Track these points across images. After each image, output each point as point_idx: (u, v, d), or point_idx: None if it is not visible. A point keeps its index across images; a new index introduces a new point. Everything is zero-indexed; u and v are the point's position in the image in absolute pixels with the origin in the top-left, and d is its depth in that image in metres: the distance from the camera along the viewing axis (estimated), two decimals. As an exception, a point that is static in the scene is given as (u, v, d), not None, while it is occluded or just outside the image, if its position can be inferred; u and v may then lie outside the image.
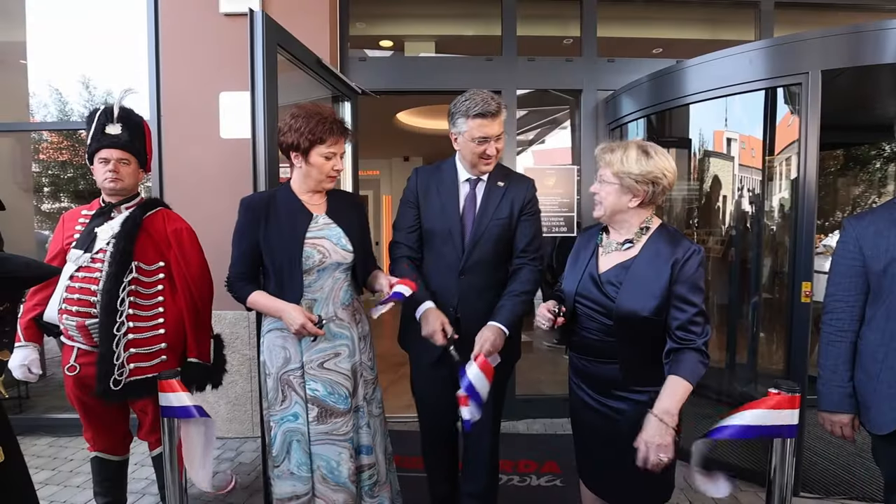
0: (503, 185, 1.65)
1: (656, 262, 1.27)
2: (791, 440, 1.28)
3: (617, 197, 1.30)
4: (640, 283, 1.26)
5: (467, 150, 1.59)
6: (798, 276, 2.17)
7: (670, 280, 1.24)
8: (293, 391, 1.54)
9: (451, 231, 1.60)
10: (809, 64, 2.08)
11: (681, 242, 1.28)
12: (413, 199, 1.68)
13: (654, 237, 1.31)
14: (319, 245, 1.55)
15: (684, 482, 2.38)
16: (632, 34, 3.59)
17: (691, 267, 1.24)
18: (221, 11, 2.77)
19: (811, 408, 2.03)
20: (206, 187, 2.80)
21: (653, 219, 1.34)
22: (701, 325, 1.23)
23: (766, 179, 2.73)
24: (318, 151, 1.52)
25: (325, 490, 1.53)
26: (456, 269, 1.59)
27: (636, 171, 1.26)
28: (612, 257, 1.35)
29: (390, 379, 3.90)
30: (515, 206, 1.62)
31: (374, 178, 8.19)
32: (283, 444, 1.54)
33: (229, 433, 2.92)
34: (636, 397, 1.30)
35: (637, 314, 1.25)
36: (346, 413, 1.56)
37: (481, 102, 1.52)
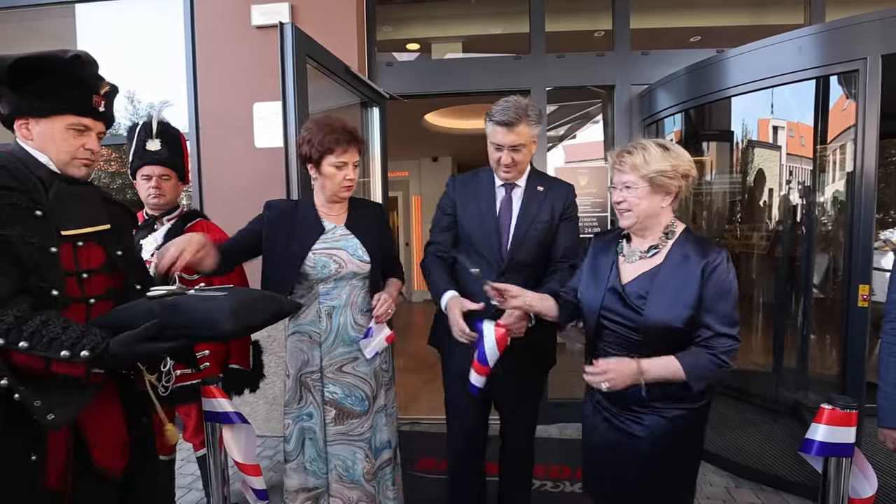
0: (543, 190, 1.66)
1: (685, 267, 1.19)
2: (848, 459, 1.20)
3: (650, 200, 1.21)
4: (669, 292, 1.18)
5: (489, 153, 1.63)
6: (854, 278, 2.03)
7: (701, 285, 1.17)
8: (309, 392, 1.61)
9: (490, 234, 1.63)
10: (867, 49, 1.93)
11: (710, 246, 1.21)
12: (450, 206, 1.72)
13: (680, 241, 1.24)
14: (336, 255, 1.57)
15: (728, 495, 2.28)
16: (667, 24, 3.44)
17: (721, 273, 1.17)
18: (253, 24, 2.85)
19: (870, 416, 1.90)
20: (243, 196, 2.88)
21: (676, 222, 1.27)
22: (727, 336, 1.16)
23: (818, 170, 2.55)
24: (328, 162, 1.52)
25: (341, 488, 1.61)
26: (496, 271, 1.61)
27: (668, 167, 1.19)
28: (637, 266, 1.26)
29: (424, 379, 3.93)
30: (556, 210, 1.64)
31: (404, 180, 8.23)
32: (298, 440, 1.62)
33: (267, 432, 3.02)
34: (665, 413, 1.22)
35: (669, 326, 1.17)
36: (362, 415, 1.62)
37: (501, 110, 1.54)
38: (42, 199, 0.99)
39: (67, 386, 0.91)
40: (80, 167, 1.07)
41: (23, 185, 0.96)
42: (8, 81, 0.98)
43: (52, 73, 1.00)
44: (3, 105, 1.02)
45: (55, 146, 1.03)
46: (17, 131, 1.03)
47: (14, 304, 0.88)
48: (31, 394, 0.86)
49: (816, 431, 1.20)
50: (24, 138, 1.03)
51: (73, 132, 1.04)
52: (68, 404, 0.90)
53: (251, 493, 2.13)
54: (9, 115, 1.03)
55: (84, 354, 0.87)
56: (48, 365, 0.88)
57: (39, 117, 1.02)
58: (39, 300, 0.94)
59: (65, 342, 0.87)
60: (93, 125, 1.07)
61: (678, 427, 1.21)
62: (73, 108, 1.03)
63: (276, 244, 1.56)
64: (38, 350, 0.85)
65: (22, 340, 0.85)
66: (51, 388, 0.89)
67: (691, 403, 1.21)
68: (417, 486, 2.32)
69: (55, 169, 1.04)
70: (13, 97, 1.00)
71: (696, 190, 3.11)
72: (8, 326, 0.85)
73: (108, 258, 1.11)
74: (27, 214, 0.95)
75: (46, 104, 1.02)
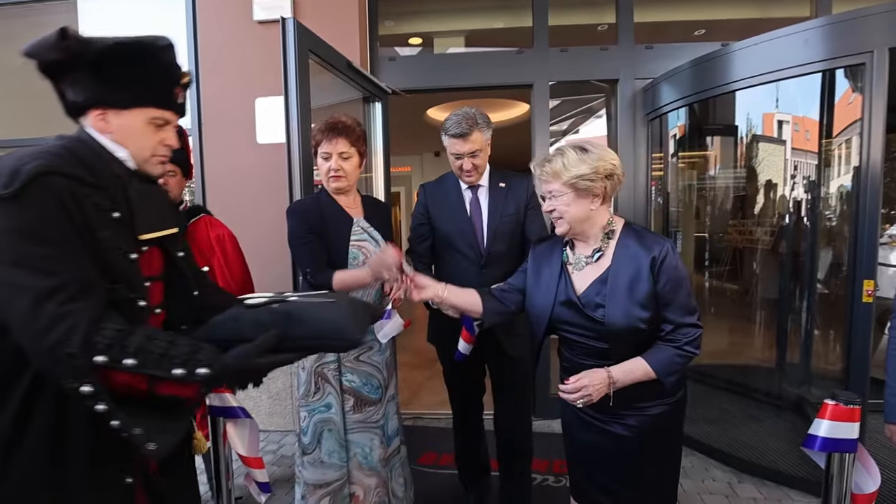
0: (504, 186, 1.85)
1: (633, 265, 1.19)
2: (851, 455, 1.20)
3: (577, 205, 1.21)
4: (623, 294, 1.18)
5: (451, 163, 1.81)
6: (859, 274, 2.01)
7: (653, 281, 1.17)
8: (327, 383, 1.64)
9: (465, 233, 1.79)
10: (874, 42, 1.90)
11: (653, 239, 1.21)
12: (423, 214, 1.87)
13: (622, 240, 1.23)
14: (364, 247, 1.65)
15: (730, 490, 2.28)
16: (671, 17, 3.41)
17: (670, 264, 1.17)
18: (255, 19, 2.84)
19: (873, 412, 1.90)
20: (245, 192, 2.90)
21: (614, 219, 1.26)
22: (688, 325, 1.19)
23: (823, 165, 2.53)
24: (319, 154, 1.64)
25: (360, 476, 1.65)
26: (478, 263, 1.77)
27: (587, 170, 1.18)
28: (586, 273, 1.25)
29: (426, 375, 3.94)
30: (520, 203, 1.82)
31: (406, 175, 8.24)
32: (315, 434, 1.64)
33: (271, 426, 3.04)
34: (649, 410, 1.23)
35: (631, 328, 1.17)
36: (377, 402, 1.69)
37: (455, 124, 1.71)
38: (120, 200, 0.87)
39: (163, 410, 0.81)
40: (157, 164, 0.97)
41: (101, 182, 0.85)
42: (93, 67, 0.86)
43: (142, 61, 0.90)
44: (76, 91, 0.88)
45: (136, 141, 0.92)
46: (92, 122, 0.90)
47: (109, 319, 0.77)
48: (130, 420, 0.75)
49: (819, 427, 1.20)
50: (99, 130, 0.90)
51: (153, 126, 0.94)
52: (166, 431, 0.80)
53: (255, 486, 2.16)
54: (83, 103, 0.89)
55: (202, 372, 0.76)
56: (152, 386, 0.77)
57: (121, 108, 0.90)
58: (128, 313, 0.83)
59: (175, 359, 0.76)
60: (172, 118, 0.97)
61: (660, 422, 1.24)
62: (157, 101, 0.93)
63: (326, 241, 1.61)
64: (147, 368, 0.75)
65: (127, 358, 0.74)
66: (147, 413, 0.78)
67: (670, 398, 1.23)
68: (419, 479, 2.34)
69: (132, 166, 0.93)
70: (93, 84, 0.87)
71: (700, 184, 3.09)
72: (109, 342, 0.74)
73: (168, 263, 1.00)
74: (107, 217, 0.84)
75: (131, 95, 0.91)
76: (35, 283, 0.72)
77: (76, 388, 0.72)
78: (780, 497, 2.21)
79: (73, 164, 0.82)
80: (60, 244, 0.76)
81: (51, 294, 0.72)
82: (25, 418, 0.79)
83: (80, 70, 0.86)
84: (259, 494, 2.14)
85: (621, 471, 1.27)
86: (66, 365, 0.71)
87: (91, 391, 0.72)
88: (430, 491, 2.26)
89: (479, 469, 2.09)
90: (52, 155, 0.80)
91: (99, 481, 0.84)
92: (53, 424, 0.80)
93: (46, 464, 0.80)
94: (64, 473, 0.81)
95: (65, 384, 0.72)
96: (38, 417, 0.79)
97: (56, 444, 0.80)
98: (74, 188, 0.79)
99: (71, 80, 0.87)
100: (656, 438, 1.25)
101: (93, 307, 0.75)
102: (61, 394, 0.76)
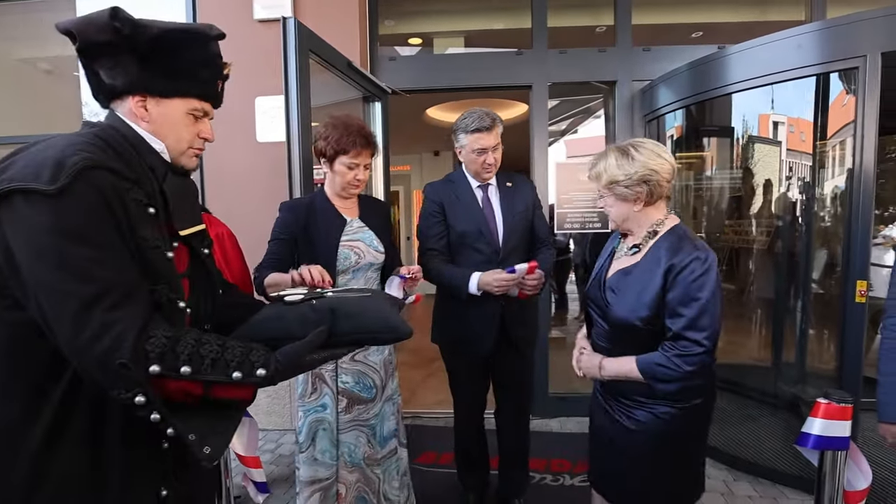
0: (512, 185, 1.91)
1: (653, 269, 1.20)
2: (843, 452, 1.22)
3: (618, 206, 1.27)
4: (634, 291, 1.21)
5: (470, 161, 1.82)
6: (852, 274, 2.04)
7: (663, 288, 1.16)
8: (324, 383, 1.66)
9: (482, 230, 1.82)
10: (867, 46, 1.93)
11: (682, 248, 1.18)
12: (437, 210, 1.87)
13: (659, 242, 1.23)
14: (356, 247, 1.65)
15: (726, 488, 2.31)
16: (669, 20, 3.43)
17: (687, 276, 1.14)
18: (255, 18, 2.85)
19: (866, 411, 1.92)
20: (245, 190, 2.90)
21: (666, 220, 1.26)
22: (688, 340, 1.13)
23: (818, 166, 2.56)
24: (341, 161, 1.61)
25: (344, 473, 1.68)
26: (494, 260, 1.80)
27: (621, 177, 1.21)
28: (621, 262, 1.31)
29: (423, 374, 3.96)
30: (528, 201, 1.92)
31: (405, 174, 8.23)
32: (310, 433, 1.66)
33: (269, 425, 3.04)
34: (655, 409, 1.22)
35: (628, 322, 1.21)
36: (369, 401, 1.70)
37: (478, 119, 1.75)
38: (154, 194, 0.83)
39: (212, 414, 0.78)
40: (193, 157, 0.93)
41: (139, 176, 0.80)
42: (141, 52, 0.82)
43: (191, 50, 0.87)
44: (115, 74, 0.83)
45: (175, 132, 0.88)
46: (131, 108, 0.85)
47: (157, 325, 0.73)
48: (185, 426, 0.73)
49: (812, 425, 1.23)
50: (136, 118, 0.85)
51: (191, 117, 0.90)
52: (218, 433, 0.77)
53: (252, 486, 2.17)
54: (123, 88, 0.84)
55: (261, 373, 0.75)
56: (208, 390, 0.74)
57: (162, 97, 0.86)
58: (169, 314, 0.80)
59: (231, 362, 0.74)
60: (210, 110, 0.94)
61: (669, 426, 1.20)
62: (200, 92, 0.89)
63: (312, 241, 1.62)
64: (203, 374, 0.72)
65: (183, 365, 0.71)
66: (197, 417, 0.75)
67: (681, 402, 1.19)
68: (418, 478, 2.35)
69: (167, 158, 0.89)
70: (136, 69, 0.83)
71: (697, 185, 3.12)
72: (161, 350, 0.71)
73: (194, 260, 0.95)
74: (145, 213, 0.79)
75: (176, 83, 0.87)
76: (79, 289, 0.68)
77: (130, 398, 0.69)
78: (775, 495, 2.24)
79: (113, 156, 0.78)
80: (105, 245, 0.72)
81: (96, 300, 0.69)
82: (64, 422, 0.76)
83: (124, 53, 0.81)
84: (257, 495, 2.15)
85: (626, 464, 1.27)
86: (119, 376, 0.68)
87: (144, 401, 0.69)
88: (429, 490, 2.27)
89: (480, 468, 2.10)
90: (94, 147, 0.76)
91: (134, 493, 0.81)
92: (91, 429, 0.77)
93: (86, 467, 0.77)
94: (102, 478, 0.78)
95: (117, 395, 0.69)
96: (77, 423, 0.76)
97: (94, 447, 0.77)
98: (117, 183, 0.74)
99: (111, 63, 0.82)
100: (663, 442, 1.22)
101: (140, 313, 0.72)
102: (98, 399, 0.74)
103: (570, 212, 2.99)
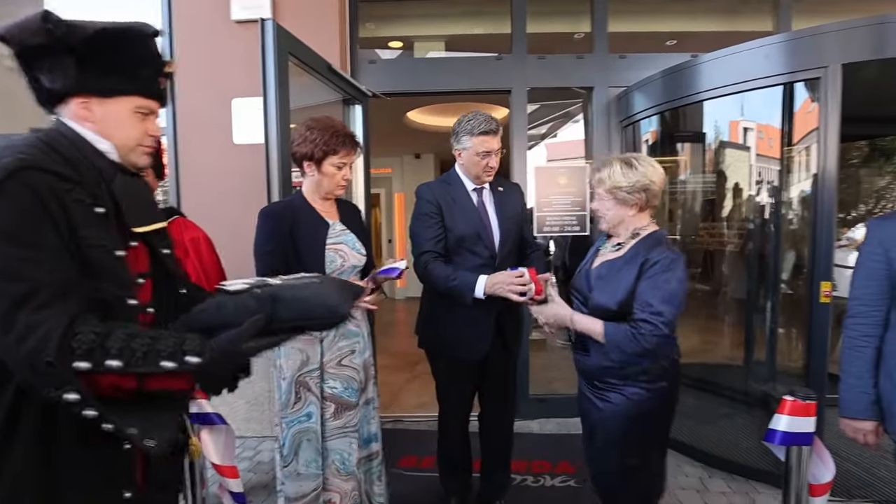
0: (503, 190, 1.93)
1: (631, 263, 1.37)
2: (808, 447, 1.27)
3: (615, 210, 1.43)
4: (614, 280, 1.39)
5: (472, 163, 1.81)
6: (817, 275, 2.13)
7: (637, 277, 1.34)
8: (308, 391, 1.62)
9: (480, 233, 1.82)
10: (829, 57, 2.02)
11: (657, 248, 1.36)
12: (435, 211, 1.83)
13: (639, 242, 1.41)
14: (340, 250, 1.65)
15: (701, 485, 2.37)
16: (644, 28, 3.52)
17: (657, 270, 1.32)
18: (233, 19, 2.81)
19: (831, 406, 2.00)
20: (221, 193, 2.85)
21: (648, 226, 1.44)
22: (649, 323, 1.29)
23: (785, 171, 2.66)
24: (330, 161, 1.61)
25: (338, 481, 1.64)
26: (491, 264, 1.80)
27: (625, 184, 1.38)
28: (605, 256, 1.48)
29: (406, 378, 3.94)
30: (518, 206, 1.95)
31: (387, 176, 8.21)
32: (293, 445, 1.62)
33: (248, 432, 2.99)
34: (624, 390, 1.38)
35: (605, 307, 1.38)
36: (356, 406, 1.68)
37: (484, 122, 1.76)
38: (102, 194, 0.83)
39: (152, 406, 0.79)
40: (142, 155, 0.94)
41: (82, 177, 0.81)
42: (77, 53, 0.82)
43: (130, 48, 0.88)
44: (55, 77, 0.84)
45: (121, 131, 0.89)
46: (74, 111, 0.86)
47: (85, 322, 0.74)
48: (122, 421, 0.74)
49: (779, 422, 1.27)
50: (80, 119, 0.86)
51: (138, 115, 0.91)
52: (159, 426, 0.78)
53: (228, 497, 2.11)
54: (63, 91, 0.85)
55: (192, 361, 0.75)
56: (142, 383, 0.76)
57: (105, 97, 0.87)
58: (119, 312, 0.81)
59: (162, 353, 0.75)
60: (156, 108, 0.95)
61: (638, 407, 1.36)
62: (143, 89, 0.90)
63: (298, 246, 1.59)
64: (134, 367, 0.73)
65: (110, 359, 0.72)
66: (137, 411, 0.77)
67: (647, 383, 1.36)
68: (399, 482, 2.34)
69: (115, 158, 0.90)
70: (75, 71, 0.83)
71: (671, 189, 3.20)
72: (89, 346, 0.71)
73: (154, 259, 0.96)
74: (89, 213, 0.80)
75: (116, 83, 0.87)
76: (7, 289, 0.70)
77: (60, 396, 0.70)
78: (747, 490, 2.30)
79: (52, 157, 0.78)
80: (38, 245, 0.73)
81: (24, 300, 0.70)
82: (15, 421, 0.76)
83: (61, 55, 0.82)
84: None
85: (599, 445, 1.44)
86: (46, 374, 0.69)
87: (77, 398, 0.70)
88: (411, 494, 2.26)
89: (463, 471, 2.08)
90: (30, 147, 0.77)
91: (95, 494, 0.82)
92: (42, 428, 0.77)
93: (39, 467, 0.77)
94: (54, 477, 0.78)
95: (47, 394, 0.70)
96: (29, 421, 0.77)
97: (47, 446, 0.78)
98: (54, 184, 0.75)
99: (49, 66, 0.83)
100: (634, 421, 1.37)
101: (67, 311, 0.72)
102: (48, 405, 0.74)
103: (550, 215, 3.03)
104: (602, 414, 1.42)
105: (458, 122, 1.83)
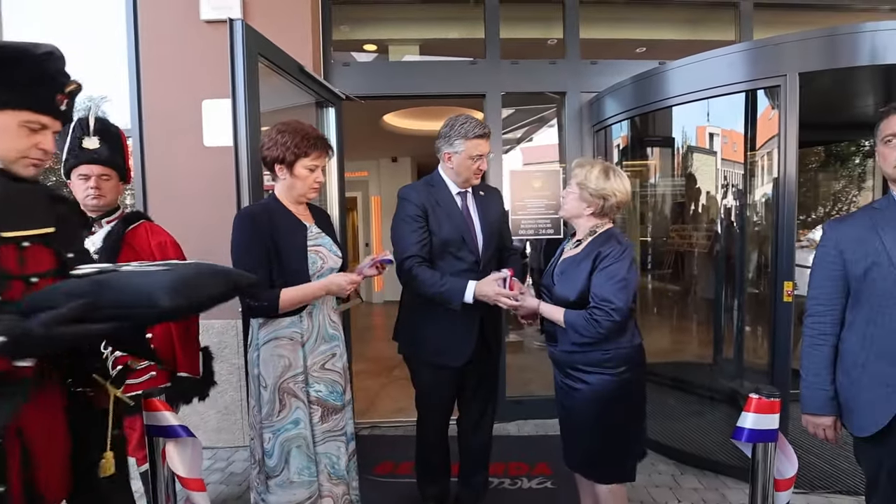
0: (484, 194, 1.94)
1: (587, 257, 1.53)
2: (773, 444, 1.31)
3: (575, 203, 1.59)
4: (574, 274, 1.55)
5: (465, 166, 1.80)
6: (780, 275, 2.21)
7: (591, 270, 1.50)
8: (294, 397, 1.58)
9: (465, 238, 1.81)
10: (787, 66, 2.11)
11: (608, 242, 1.52)
12: (421, 214, 1.79)
13: (595, 239, 1.57)
14: (320, 252, 1.64)
15: (674, 482, 2.42)
16: (614, 35, 3.61)
17: (608, 262, 1.48)
18: (202, 19, 2.74)
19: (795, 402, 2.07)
20: (191, 196, 2.77)
21: (605, 226, 1.59)
22: (601, 310, 1.45)
23: (749, 175, 2.76)
24: (302, 164, 1.59)
25: (330, 486, 1.62)
26: (475, 269, 1.80)
27: (592, 187, 1.53)
28: (567, 253, 1.63)
29: (382, 382, 3.90)
30: (499, 209, 1.98)
31: (363, 180, 8.15)
32: (282, 454, 1.57)
33: (219, 443, 2.90)
34: (588, 378, 1.54)
35: (566, 299, 1.54)
36: (342, 409, 1.68)
37: (479, 125, 1.78)
38: None
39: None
40: (28, 167, 0.99)
41: None
42: None
43: (18, 65, 0.94)
44: None
45: (3, 143, 0.95)
46: None
47: None
48: None
49: (746, 419, 1.30)
50: None
51: (26, 129, 0.97)
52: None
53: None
54: None
55: None
56: None
57: None
58: None
59: None
60: (51, 123, 1.00)
61: (599, 388, 1.52)
62: (32, 105, 0.97)
63: (279, 248, 1.56)
64: None
65: None
66: None
67: (609, 369, 1.52)
68: (376, 489, 2.31)
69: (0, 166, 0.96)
70: None
71: (642, 192, 3.28)
72: None
73: (59, 262, 1.03)
74: None
75: (4, 97, 0.94)
76: None
77: None
78: (717, 486, 2.36)
79: None
80: None
81: None
82: None
83: None
84: None
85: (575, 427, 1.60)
86: None
87: None
88: (387, 501, 2.23)
89: (442, 476, 2.06)
90: None
91: None
92: None
93: None
94: None
95: None
96: None
97: None
98: None
99: None
100: (600, 403, 1.52)
101: None
102: None
103: (524, 218, 3.06)
104: (575, 396, 1.57)
105: (449, 126, 1.79)
